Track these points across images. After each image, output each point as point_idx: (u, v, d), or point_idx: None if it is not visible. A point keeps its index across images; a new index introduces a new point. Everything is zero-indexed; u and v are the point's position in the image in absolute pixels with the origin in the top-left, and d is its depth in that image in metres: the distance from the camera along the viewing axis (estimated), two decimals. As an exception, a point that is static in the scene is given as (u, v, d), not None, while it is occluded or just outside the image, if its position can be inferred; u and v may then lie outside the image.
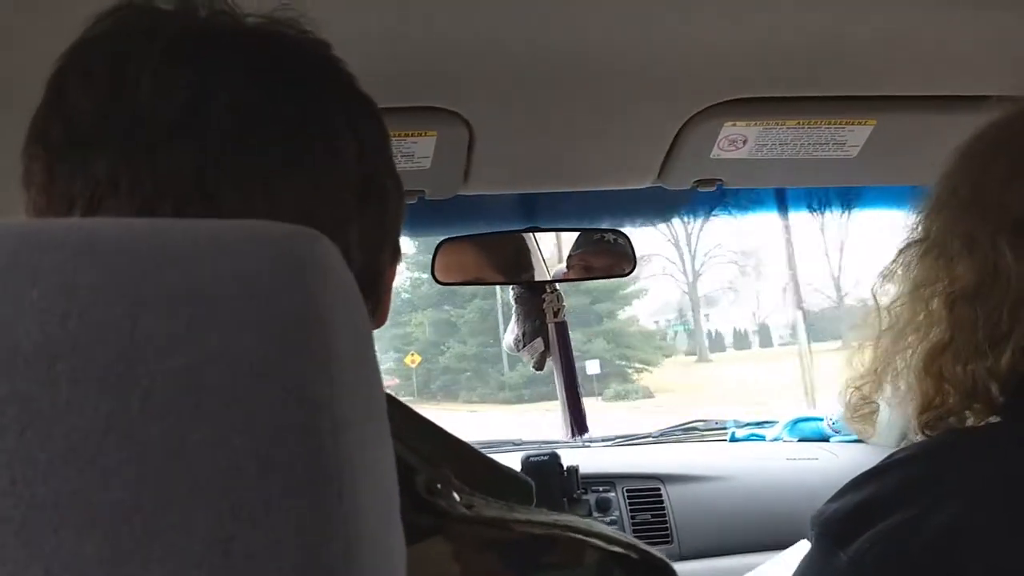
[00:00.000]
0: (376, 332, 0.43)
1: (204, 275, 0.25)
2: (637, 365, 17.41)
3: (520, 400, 15.01)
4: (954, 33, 0.79)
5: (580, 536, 0.43)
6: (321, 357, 0.25)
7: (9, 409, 0.23)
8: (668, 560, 0.46)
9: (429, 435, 0.47)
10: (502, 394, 16.20)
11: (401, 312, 17.17)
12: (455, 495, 0.43)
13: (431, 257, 1.41)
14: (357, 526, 0.25)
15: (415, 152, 0.94)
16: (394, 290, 0.50)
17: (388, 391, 0.35)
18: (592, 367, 15.72)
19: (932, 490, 0.54)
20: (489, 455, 0.48)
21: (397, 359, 17.20)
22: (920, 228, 0.65)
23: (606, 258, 1.49)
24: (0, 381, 0.23)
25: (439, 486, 0.43)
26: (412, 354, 17.02)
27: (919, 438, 0.62)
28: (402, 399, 0.45)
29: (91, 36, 0.41)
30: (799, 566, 0.61)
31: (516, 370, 15.81)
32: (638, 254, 1.46)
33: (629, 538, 0.45)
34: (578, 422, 1.59)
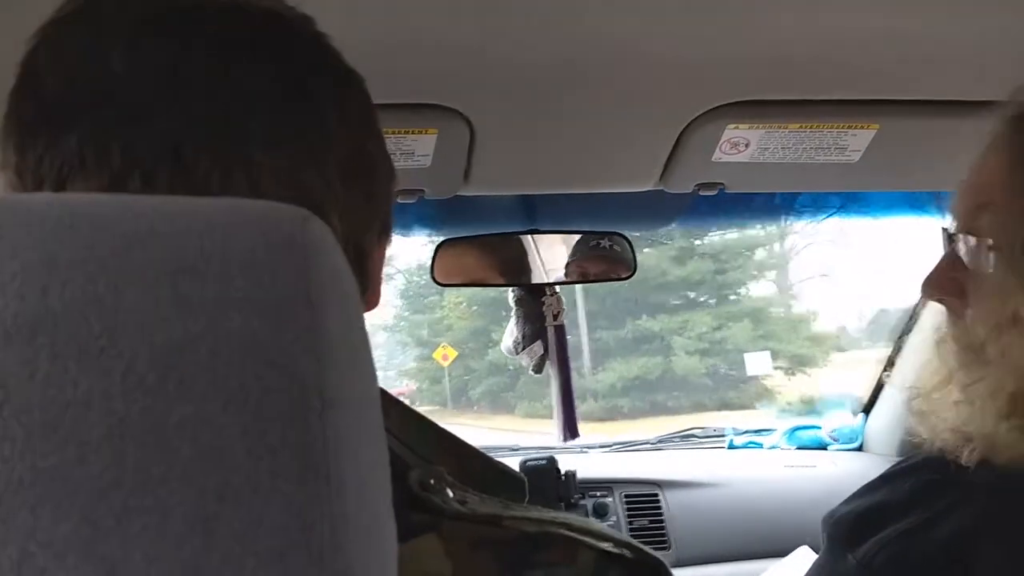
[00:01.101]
0: (389, 320, 0.42)
1: (191, 252, 0.24)
2: (794, 364, 10.54)
3: (616, 415, 9.76)
4: (957, 37, 0.79)
5: (574, 534, 0.43)
6: (309, 337, 0.24)
7: None
8: (663, 560, 0.45)
9: (423, 431, 0.46)
10: (586, 406, 9.80)
11: (428, 291, 11.34)
12: (449, 492, 0.42)
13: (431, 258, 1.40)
14: (344, 508, 0.24)
15: (415, 150, 0.94)
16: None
17: (403, 397, 0.34)
18: (757, 363, 10.08)
19: (944, 495, 0.54)
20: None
21: (422, 355, 11.87)
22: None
23: (606, 261, 1.48)
24: None
25: (432, 482, 0.42)
26: (444, 347, 11.23)
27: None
28: (428, 410, 0.44)
29: (63, 14, 0.40)
30: (810, 569, 0.61)
31: (607, 368, 10.56)
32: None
33: (624, 537, 0.45)
34: (570, 426, 1.58)
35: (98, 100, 0.37)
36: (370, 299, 0.46)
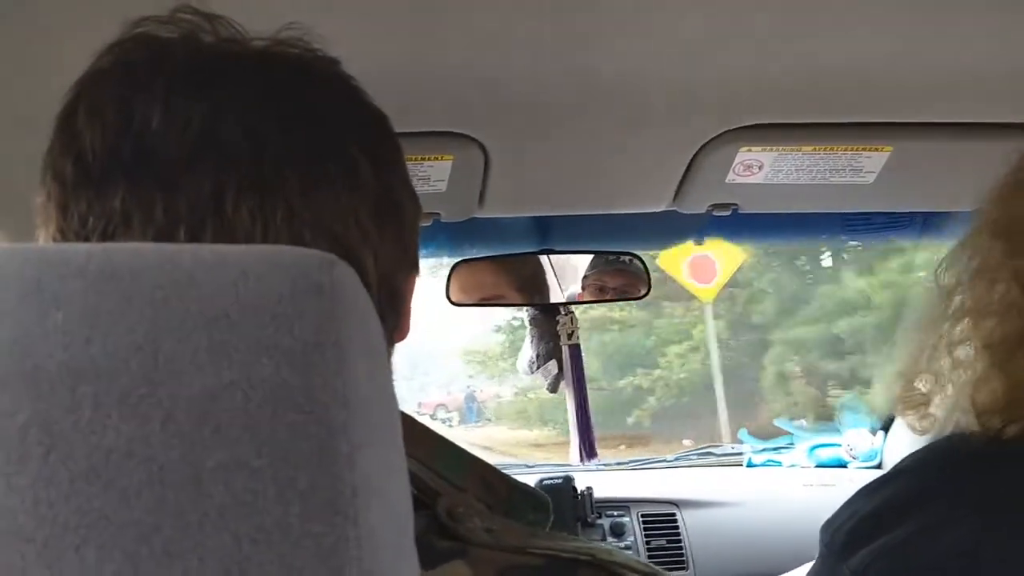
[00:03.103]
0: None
1: (223, 300, 0.25)
2: None
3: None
4: (971, 59, 0.79)
5: (602, 563, 0.43)
6: (337, 382, 0.25)
7: (33, 431, 0.24)
8: None
9: (449, 456, 0.47)
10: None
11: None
12: (477, 519, 0.43)
13: (446, 279, 1.42)
14: (373, 550, 0.25)
15: (431, 176, 0.95)
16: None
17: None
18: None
19: (939, 503, 0.52)
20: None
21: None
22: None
23: (620, 280, 1.49)
24: (24, 403, 0.24)
25: (461, 511, 0.43)
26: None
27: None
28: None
29: (97, 70, 0.41)
30: None
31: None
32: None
33: (651, 567, 0.45)
34: (588, 447, 1.58)
35: (138, 158, 0.38)
36: (402, 329, 0.47)
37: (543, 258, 1.50)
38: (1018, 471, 0.53)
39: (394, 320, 0.46)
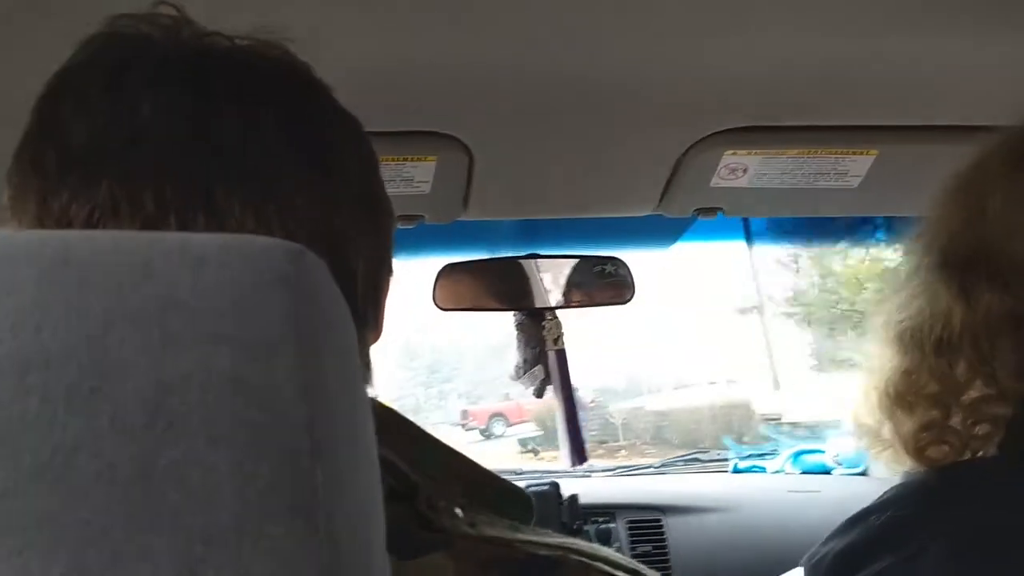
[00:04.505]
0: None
1: (179, 289, 0.24)
2: None
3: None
4: (956, 62, 0.79)
5: (585, 559, 0.43)
6: (301, 377, 0.24)
7: None
8: None
9: (430, 449, 0.46)
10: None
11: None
12: (458, 511, 0.42)
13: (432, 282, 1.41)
14: (337, 553, 0.24)
15: (414, 176, 0.94)
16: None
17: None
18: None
19: (916, 535, 0.53)
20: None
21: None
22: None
23: (606, 285, 1.48)
24: None
25: (442, 503, 0.42)
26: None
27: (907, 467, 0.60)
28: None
29: (82, 60, 0.41)
30: None
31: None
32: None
33: (634, 563, 0.45)
34: (578, 451, 1.57)
35: (128, 146, 0.38)
36: (377, 332, 0.47)
37: (529, 263, 1.49)
38: (989, 499, 0.54)
39: (374, 319, 0.46)
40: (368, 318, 0.44)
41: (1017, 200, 0.58)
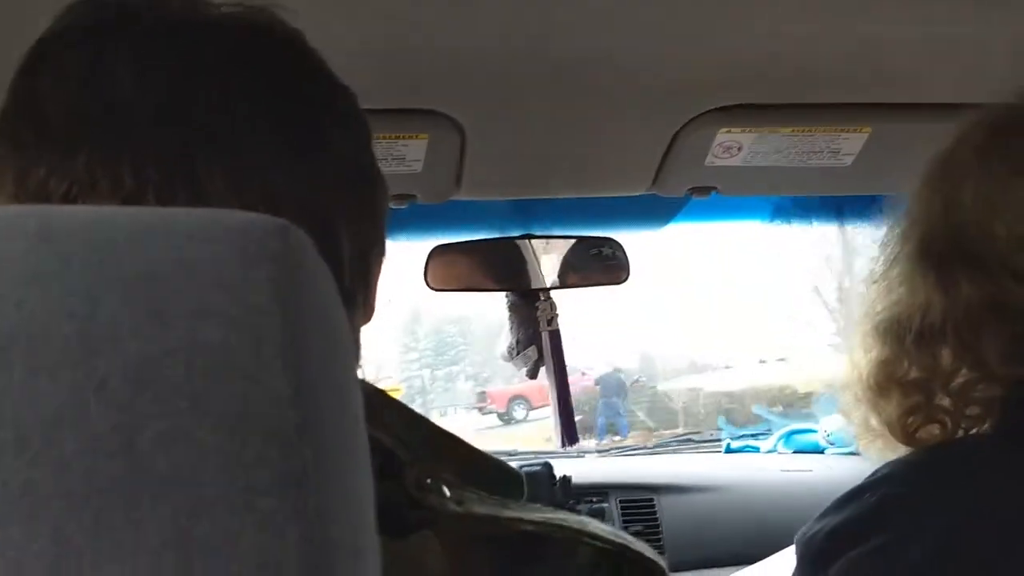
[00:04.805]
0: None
1: (165, 263, 0.24)
2: None
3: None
4: (948, 40, 0.79)
5: (573, 534, 0.43)
6: (289, 353, 0.24)
7: None
8: (660, 560, 0.45)
9: (419, 428, 0.46)
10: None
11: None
12: (446, 490, 0.42)
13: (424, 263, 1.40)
14: (325, 527, 0.24)
15: (406, 155, 0.94)
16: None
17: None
18: None
19: (910, 513, 0.53)
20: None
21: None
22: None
23: (600, 266, 1.48)
24: None
25: (429, 481, 0.42)
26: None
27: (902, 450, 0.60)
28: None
29: (57, 31, 0.39)
30: None
31: None
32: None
33: (623, 537, 0.45)
34: (569, 432, 1.58)
35: (105, 118, 0.37)
36: (368, 313, 0.46)
37: (523, 243, 1.49)
38: (984, 475, 0.55)
39: (364, 298, 0.45)
40: (357, 299, 0.44)
41: (991, 185, 0.58)
